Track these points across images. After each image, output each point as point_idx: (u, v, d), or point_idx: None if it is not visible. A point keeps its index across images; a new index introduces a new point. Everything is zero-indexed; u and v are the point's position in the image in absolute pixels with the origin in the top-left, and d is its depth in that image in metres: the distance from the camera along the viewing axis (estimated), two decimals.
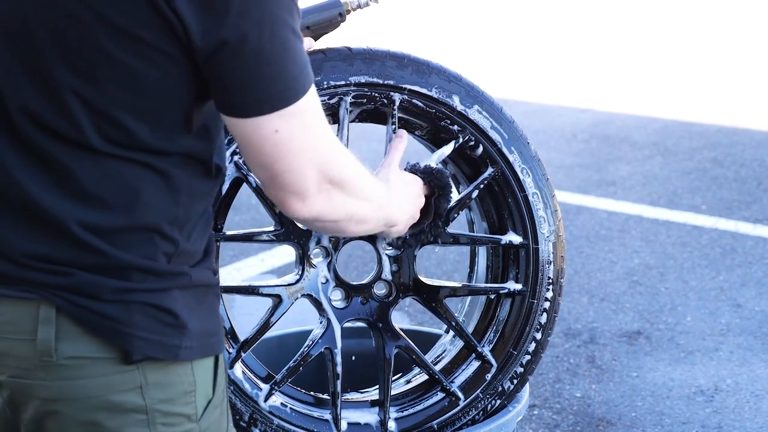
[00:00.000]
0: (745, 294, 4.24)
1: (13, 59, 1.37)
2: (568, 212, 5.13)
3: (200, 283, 1.47)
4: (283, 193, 1.44)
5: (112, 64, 1.35)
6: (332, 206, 1.47)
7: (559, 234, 2.11)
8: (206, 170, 1.46)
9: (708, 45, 9.19)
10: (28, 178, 1.39)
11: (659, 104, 7.25)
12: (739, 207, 5.20)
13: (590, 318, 4.08)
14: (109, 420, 1.42)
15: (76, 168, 1.38)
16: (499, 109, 2.08)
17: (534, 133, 6.43)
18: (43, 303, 1.40)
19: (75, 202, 1.39)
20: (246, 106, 1.38)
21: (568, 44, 9.47)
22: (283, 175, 1.42)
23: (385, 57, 2.00)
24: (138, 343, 1.41)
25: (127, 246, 1.40)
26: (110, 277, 1.40)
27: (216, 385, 1.50)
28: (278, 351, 2.38)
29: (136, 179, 1.40)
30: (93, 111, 1.36)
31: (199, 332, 1.46)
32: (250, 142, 1.40)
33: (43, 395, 1.41)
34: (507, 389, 2.13)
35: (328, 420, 2.07)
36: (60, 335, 1.40)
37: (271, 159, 1.40)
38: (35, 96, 1.37)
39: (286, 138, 1.39)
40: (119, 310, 1.40)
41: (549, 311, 2.13)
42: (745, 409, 3.43)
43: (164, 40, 1.34)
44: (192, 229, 1.46)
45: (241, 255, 4.67)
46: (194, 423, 1.47)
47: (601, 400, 3.51)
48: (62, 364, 1.40)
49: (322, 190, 1.44)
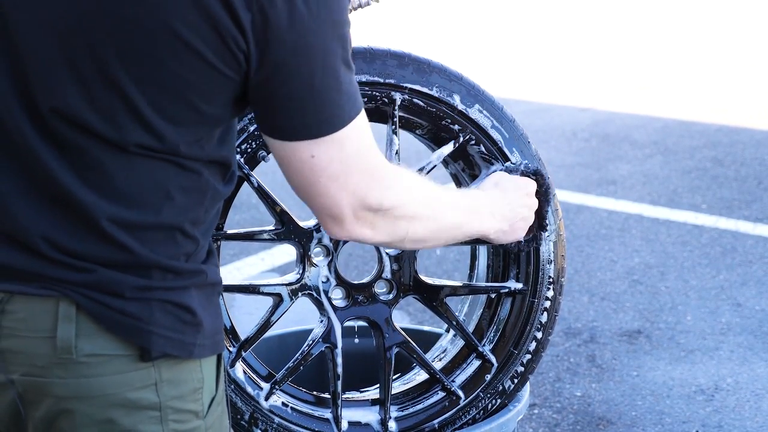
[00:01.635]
0: (746, 293, 4.24)
1: (60, 57, 1.36)
2: (569, 211, 5.13)
3: (213, 281, 1.49)
4: (320, 215, 1.47)
5: (166, 73, 1.35)
6: (374, 232, 1.50)
7: (559, 233, 2.11)
8: (225, 174, 1.49)
9: (708, 44, 9.19)
10: (59, 167, 1.39)
11: (659, 103, 7.25)
12: (739, 206, 5.20)
13: (590, 317, 4.08)
14: (124, 417, 1.43)
15: (108, 164, 1.39)
16: (500, 108, 2.08)
17: (534, 132, 6.43)
18: (63, 300, 1.40)
19: (106, 197, 1.39)
20: (287, 129, 1.40)
21: (568, 43, 9.47)
22: (318, 198, 1.44)
23: (385, 56, 2.00)
24: (158, 341, 1.42)
25: (151, 244, 1.41)
26: (132, 275, 1.41)
27: (218, 382, 1.51)
28: (279, 350, 2.38)
29: (166, 178, 1.41)
30: (135, 115, 1.37)
31: (210, 330, 1.48)
32: (289, 163, 1.43)
33: (58, 393, 1.41)
34: (507, 388, 2.13)
35: (329, 419, 2.07)
36: (80, 333, 1.40)
37: (307, 182, 1.43)
38: (76, 94, 1.36)
39: (323, 164, 1.41)
40: (140, 307, 1.41)
41: (550, 310, 2.13)
42: (745, 408, 3.43)
43: (223, 59, 1.35)
44: (207, 230, 1.48)
45: (241, 254, 4.67)
46: (201, 420, 1.48)
47: (601, 399, 3.51)
48: (81, 361, 1.40)
49: (359, 217, 1.47)
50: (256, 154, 1.99)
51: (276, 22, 1.34)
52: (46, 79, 1.37)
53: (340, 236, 1.49)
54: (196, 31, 1.34)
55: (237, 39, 1.34)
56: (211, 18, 1.33)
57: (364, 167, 1.45)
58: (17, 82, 1.38)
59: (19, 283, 1.40)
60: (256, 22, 1.34)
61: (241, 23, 1.34)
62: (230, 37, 1.34)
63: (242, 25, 1.34)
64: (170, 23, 1.33)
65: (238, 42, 1.35)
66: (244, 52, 1.35)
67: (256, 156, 1.99)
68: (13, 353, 1.41)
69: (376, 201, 1.47)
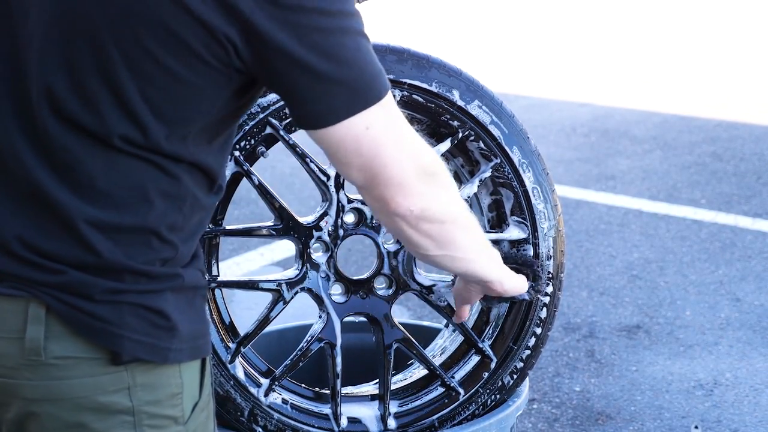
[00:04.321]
0: (745, 288, 4.25)
1: (55, 42, 1.36)
2: (568, 206, 5.13)
3: (191, 284, 1.46)
4: (386, 190, 1.43)
5: (156, 65, 1.34)
6: (436, 199, 1.47)
7: (559, 229, 2.11)
8: (210, 185, 1.46)
9: (707, 39, 9.18)
10: (38, 165, 1.37)
11: (658, 98, 7.25)
12: (738, 201, 5.21)
13: (589, 312, 4.08)
14: (95, 421, 1.40)
15: (88, 160, 1.37)
16: (499, 103, 2.08)
17: (533, 128, 6.43)
18: (33, 301, 1.38)
19: (82, 195, 1.38)
20: (334, 112, 1.38)
21: (567, 38, 9.46)
22: (382, 169, 1.42)
23: (384, 51, 2.00)
24: (128, 345, 1.39)
25: (125, 247, 1.39)
26: (103, 278, 1.39)
27: (203, 388, 1.49)
28: (278, 345, 2.38)
29: (146, 180, 1.39)
30: (120, 106, 1.36)
31: (188, 335, 1.45)
32: (344, 146, 1.40)
33: (27, 395, 1.40)
34: (507, 384, 2.13)
35: (328, 415, 2.07)
36: (49, 334, 1.38)
37: (370, 155, 1.41)
38: (64, 80, 1.36)
39: (380, 132, 1.40)
40: (110, 310, 1.39)
41: (549, 306, 2.13)
42: (744, 403, 3.43)
43: (211, 50, 1.34)
44: (189, 236, 1.46)
45: (240, 249, 4.67)
46: (181, 426, 1.46)
47: (600, 394, 3.51)
48: (50, 363, 1.38)
49: (422, 180, 1.45)
50: (255, 150, 1.99)
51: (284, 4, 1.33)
52: (39, 62, 1.36)
53: (409, 207, 1.44)
54: (186, 22, 1.33)
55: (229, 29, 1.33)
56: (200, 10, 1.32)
57: (409, 131, 1.45)
58: (12, 68, 1.37)
59: None
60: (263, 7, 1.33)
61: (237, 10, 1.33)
62: (221, 27, 1.33)
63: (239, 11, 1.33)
64: (160, 12, 1.33)
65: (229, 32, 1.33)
66: (236, 42, 1.34)
67: (255, 152, 1.99)
68: None
69: (429, 161, 1.46)
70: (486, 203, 2.14)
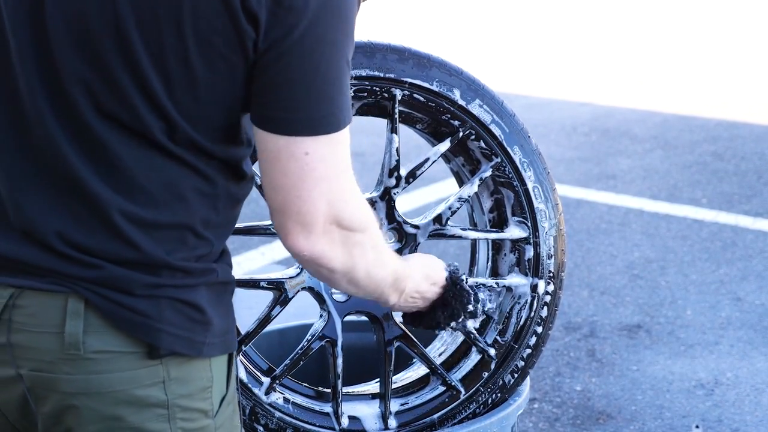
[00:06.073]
0: (746, 287, 4.25)
1: (86, 39, 1.36)
2: (569, 206, 5.13)
3: (223, 279, 1.49)
4: (290, 223, 1.43)
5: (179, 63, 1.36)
6: (333, 252, 1.46)
7: (559, 228, 2.11)
8: (241, 175, 1.48)
9: (708, 38, 9.18)
10: (79, 161, 1.39)
11: (659, 98, 7.24)
12: (739, 200, 5.21)
13: (590, 311, 4.08)
14: (131, 414, 1.42)
15: (127, 156, 1.38)
16: (500, 102, 2.08)
17: (534, 127, 6.43)
18: (72, 296, 1.40)
19: (121, 191, 1.39)
20: (286, 122, 1.38)
21: (568, 38, 9.46)
22: (296, 201, 1.41)
23: (385, 50, 2.00)
24: (167, 339, 1.41)
25: (162, 242, 1.41)
26: (142, 272, 1.41)
27: (229, 381, 1.51)
28: (279, 344, 2.38)
29: (182, 178, 1.41)
30: (149, 102, 1.37)
31: (220, 329, 1.47)
32: (277, 159, 1.40)
33: (65, 389, 1.41)
34: (508, 383, 2.13)
35: (329, 413, 2.07)
36: (88, 329, 1.40)
37: (292, 182, 1.40)
38: (97, 76, 1.37)
39: (314, 164, 1.39)
40: (150, 305, 1.41)
41: (550, 305, 2.13)
42: (745, 403, 3.43)
43: (232, 47, 1.35)
44: (223, 232, 1.48)
45: (241, 248, 4.67)
46: (210, 419, 1.48)
47: (601, 393, 3.51)
48: (88, 357, 1.40)
49: (327, 230, 1.44)
50: None
51: (288, 5, 1.34)
52: (74, 58, 1.37)
53: (302, 248, 1.44)
54: (210, 23, 1.34)
55: (247, 28, 1.35)
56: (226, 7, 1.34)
57: (346, 179, 1.43)
58: (48, 64, 1.38)
59: (29, 278, 1.40)
60: (269, 6, 1.34)
61: (252, 10, 1.34)
62: (242, 21, 1.34)
63: (253, 11, 1.34)
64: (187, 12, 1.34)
65: (248, 31, 1.35)
66: (254, 40, 1.36)
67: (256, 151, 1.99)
68: (22, 348, 1.41)
69: (348, 216, 1.44)
70: (487, 202, 2.14)
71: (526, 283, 2.11)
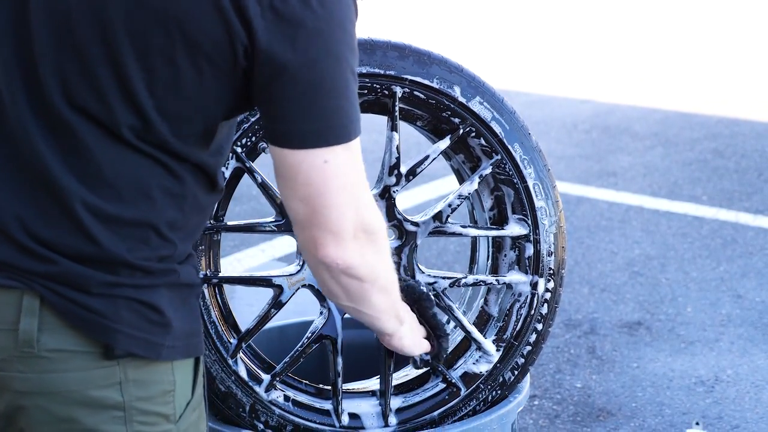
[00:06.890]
0: (746, 285, 4.25)
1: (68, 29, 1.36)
2: (569, 203, 5.13)
3: (186, 281, 1.46)
4: (320, 232, 1.41)
5: (165, 63, 1.35)
6: (363, 259, 1.45)
7: (560, 225, 2.11)
8: (211, 185, 1.46)
9: (708, 35, 9.18)
10: (48, 150, 1.37)
11: (660, 95, 7.24)
12: (739, 197, 5.20)
13: (591, 309, 4.08)
14: (86, 416, 1.40)
15: (97, 149, 1.37)
16: (501, 100, 2.08)
17: (535, 124, 6.43)
18: (27, 293, 1.37)
19: (85, 182, 1.37)
20: (301, 136, 1.37)
21: (568, 35, 9.46)
22: (323, 211, 1.40)
23: (386, 47, 2.00)
24: (122, 339, 1.39)
25: (124, 239, 1.39)
26: (100, 270, 1.38)
27: (195, 387, 1.48)
28: (279, 342, 2.38)
29: (151, 176, 1.39)
30: (127, 98, 1.36)
31: (182, 332, 1.44)
32: (297, 172, 1.38)
33: (18, 388, 1.39)
34: (508, 380, 2.13)
35: (329, 410, 2.07)
36: (42, 327, 1.38)
37: (317, 192, 1.38)
38: (75, 67, 1.36)
39: (336, 170, 1.38)
40: (106, 304, 1.38)
41: (550, 302, 2.13)
42: (745, 400, 3.44)
43: (219, 50, 1.34)
44: (187, 236, 1.46)
45: (241, 245, 4.67)
46: (172, 424, 1.45)
47: (601, 390, 3.51)
48: (42, 356, 1.38)
49: (357, 237, 1.43)
50: (256, 146, 1.99)
51: (287, 16, 1.33)
52: (54, 48, 1.36)
53: (335, 257, 1.42)
54: (198, 24, 1.33)
55: (240, 32, 1.33)
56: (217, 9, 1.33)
57: (364, 184, 1.43)
58: (26, 52, 1.37)
59: None
60: (266, 15, 1.33)
61: (247, 15, 1.33)
62: (236, 28, 1.33)
63: (248, 16, 1.33)
64: (176, 12, 1.33)
65: (240, 35, 1.34)
66: (245, 46, 1.34)
67: (256, 148, 1.99)
68: None
69: (371, 220, 1.44)
70: (487, 200, 2.14)
71: (526, 281, 2.12)
